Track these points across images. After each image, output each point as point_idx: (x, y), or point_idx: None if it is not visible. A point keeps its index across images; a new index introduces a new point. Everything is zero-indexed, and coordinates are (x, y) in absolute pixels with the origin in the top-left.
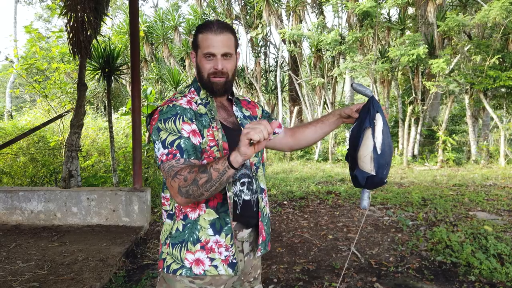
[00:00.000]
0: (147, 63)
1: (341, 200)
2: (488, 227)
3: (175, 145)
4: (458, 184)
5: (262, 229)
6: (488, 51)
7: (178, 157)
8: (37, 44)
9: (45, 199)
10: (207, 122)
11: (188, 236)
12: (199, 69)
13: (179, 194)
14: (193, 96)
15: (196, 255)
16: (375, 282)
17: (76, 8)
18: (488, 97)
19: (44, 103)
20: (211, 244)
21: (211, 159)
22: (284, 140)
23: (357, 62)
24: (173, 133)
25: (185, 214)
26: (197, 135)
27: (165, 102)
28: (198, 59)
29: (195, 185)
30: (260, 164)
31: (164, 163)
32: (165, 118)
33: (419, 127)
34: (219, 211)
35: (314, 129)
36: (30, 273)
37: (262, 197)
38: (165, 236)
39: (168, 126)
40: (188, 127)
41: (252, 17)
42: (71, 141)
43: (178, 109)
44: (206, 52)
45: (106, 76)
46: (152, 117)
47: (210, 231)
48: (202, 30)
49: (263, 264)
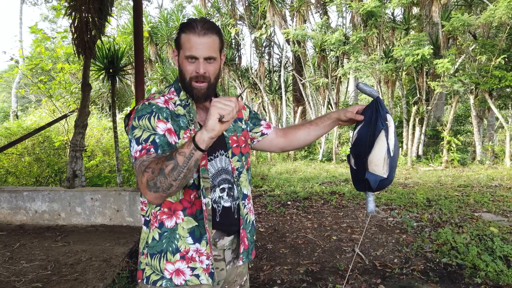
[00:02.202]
0: (151, 63)
1: (345, 201)
2: (494, 228)
3: (149, 141)
4: (463, 184)
5: (245, 237)
6: (493, 51)
7: (152, 152)
8: (42, 44)
9: (49, 199)
10: (184, 124)
11: (167, 246)
12: (181, 71)
13: (148, 189)
14: (171, 97)
15: (176, 265)
16: (379, 284)
17: (81, 8)
18: (493, 97)
19: (49, 103)
20: (191, 253)
21: None
22: (275, 141)
23: (361, 62)
24: (147, 130)
25: (161, 222)
26: (173, 134)
27: (142, 101)
28: (180, 60)
29: (162, 175)
30: (243, 169)
31: (137, 159)
32: (139, 116)
33: (424, 127)
34: (198, 218)
35: (307, 131)
36: (33, 273)
37: (245, 203)
38: (143, 245)
39: (142, 123)
40: (163, 125)
41: (256, 17)
42: (76, 141)
43: (154, 107)
44: (188, 54)
45: (111, 76)
46: (130, 117)
47: (189, 240)
48: (185, 30)
49: (267, 265)
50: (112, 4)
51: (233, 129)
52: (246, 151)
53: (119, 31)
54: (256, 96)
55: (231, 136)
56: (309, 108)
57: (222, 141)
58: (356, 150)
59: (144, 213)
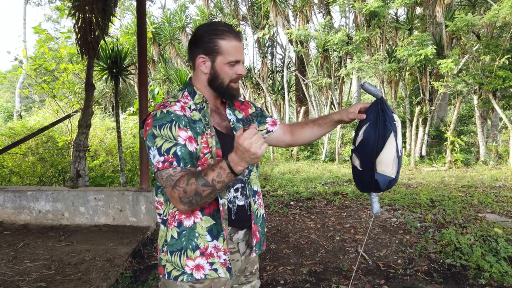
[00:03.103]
0: (154, 63)
1: (348, 201)
2: (498, 229)
3: (171, 153)
4: (466, 185)
5: (256, 231)
6: (497, 51)
7: (174, 165)
8: (46, 45)
9: (53, 199)
10: (201, 129)
11: (187, 244)
12: (217, 75)
13: (181, 203)
14: (186, 101)
15: (196, 261)
16: (383, 284)
17: (84, 9)
18: (497, 97)
19: (52, 103)
20: (210, 249)
21: (205, 166)
22: (282, 137)
23: (364, 62)
24: (169, 140)
25: (180, 221)
26: (193, 141)
27: (159, 107)
28: (216, 65)
29: (198, 196)
30: (253, 167)
31: (160, 171)
32: (160, 124)
33: (427, 127)
34: (215, 217)
35: (311, 130)
36: (37, 273)
37: (255, 200)
38: (162, 242)
39: (164, 133)
40: (184, 134)
41: (259, 17)
42: (79, 141)
43: (172, 116)
44: (233, 59)
45: (114, 76)
46: (145, 122)
47: (208, 237)
48: (224, 36)
49: (270, 265)
50: (116, 4)
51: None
52: None
53: (122, 31)
54: (259, 96)
55: None
56: (312, 108)
57: (233, 143)
58: (363, 151)
59: (160, 212)
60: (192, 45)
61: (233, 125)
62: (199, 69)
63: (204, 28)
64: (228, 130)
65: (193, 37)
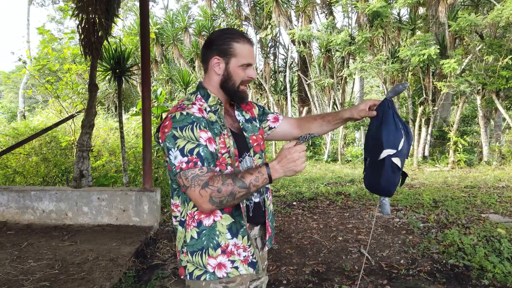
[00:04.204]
0: (157, 64)
1: (350, 201)
2: (501, 229)
3: (194, 153)
4: (470, 185)
5: (268, 226)
6: (500, 51)
7: (199, 165)
8: (49, 45)
9: (56, 199)
10: (218, 130)
11: (208, 243)
12: (230, 77)
13: (211, 203)
14: (201, 104)
15: (218, 259)
16: (385, 285)
17: (87, 9)
18: (500, 97)
19: (56, 104)
20: (230, 247)
21: (223, 166)
22: (289, 132)
23: (367, 62)
24: (192, 141)
25: (199, 221)
26: (213, 142)
27: (176, 109)
28: (229, 67)
29: (231, 197)
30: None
31: (185, 171)
32: (181, 126)
33: (430, 128)
34: (234, 215)
35: (319, 125)
36: (41, 272)
37: (268, 196)
38: (181, 244)
39: (186, 134)
40: (205, 135)
41: (261, 18)
42: (82, 141)
43: (193, 117)
44: (247, 62)
45: (117, 76)
46: (163, 124)
47: (228, 235)
48: (239, 40)
49: (272, 265)
50: (119, 5)
51: (252, 129)
52: (264, 148)
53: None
54: (261, 96)
55: (251, 136)
56: (314, 109)
57: (245, 143)
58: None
59: (177, 214)
60: (207, 48)
61: (242, 126)
62: (213, 71)
63: (219, 33)
64: (239, 130)
65: (208, 40)
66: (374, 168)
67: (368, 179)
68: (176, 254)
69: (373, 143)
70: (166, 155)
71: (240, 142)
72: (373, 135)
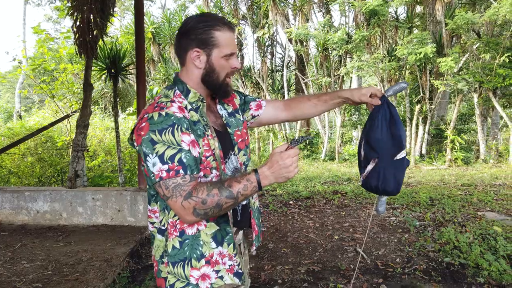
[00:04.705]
0: (154, 63)
1: (347, 200)
2: (497, 227)
3: (176, 160)
4: (466, 183)
5: (255, 225)
6: (497, 49)
7: (181, 173)
8: (45, 45)
9: (51, 199)
10: (201, 131)
11: (191, 253)
12: (213, 70)
13: (195, 215)
14: (181, 100)
15: (202, 270)
16: (381, 283)
17: (83, 9)
18: (497, 95)
19: (52, 104)
20: (215, 257)
21: (208, 170)
22: (276, 116)
23: (364, 61)
24: (172, 145)
25: (182, 230)
26: (196, 145)
27: (153, 109)
28: (211, 59)
29: (217, 208)
30: (249, 161)
31: (165, 180)
32: (160, 129)
33: (427, 126)
34: (220, 222)
35: (313, 105)
36: (34, 274)
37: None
38: (160, 253)
39: (166, 138)
40: (187, 138)
41: (258, 16)
42: (77, 141)
43: (173, 118)
44: (230, 52)
45: (113, 76)
46: (138, 125)
47: (213, 244)
48: (219, 27)
49: (268, 264)
50: (114, 4)
51: (236, 124)
52: (248, 142)
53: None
54: (259, 95)
55: (235, 131)
56: None
57: (230, 141)
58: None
59: (154, 221)
60: (183, 38)
61: (225, 121)
62: (192, 64)
63: (196, 19)
64: (223, 127)
65: (183, 29)
66: (387, 168)
67: (378, 180)
68: (153, 263)
69: (389, 143)
70: (142, 160)
71: (224, 141)
72: (386, 134)
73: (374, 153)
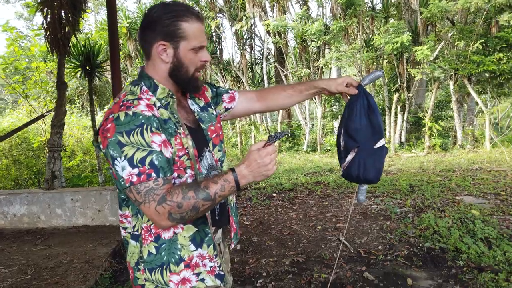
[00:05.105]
0: (131, 59)
1: (329, 190)
2: (475, 211)
3: (147, 163)
4: (444, 169)
5: (233, 222)
6: (471, 37)
7: (153, 177)
8: (15, 43)
9: (27, 202)
10: (173, 129)
11: (168, 258)
12: (181, 64)
13: (170, 220)
14: (148, 97)
15: (182, 274)
16: (364, 271)
17: (53, 4)
18: (472, 82)
19: (25, 104)
20: (195, 259)
21: (182, 170)
22: (250, 107)
23: (342, 52)
24: (142, 147)
25: (157, 235)
26: (168, 145)
27: (119, 108)
28: (179, 53)
29: (194, 211)
30: (224, 157)
31: (136, 185)
32: (127, 130)
33: (406, 114)
34: (197, 224)
35: (288, 96)
36: (12, 279)
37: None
38: (135, 260)
39: (135, 140)
40: (158, 138)
41: (236, 9)
42: (53, 141)
43: (141, 118)
44: (198, 44)
45: (88, 73)
46: (103, 127)
47: (191, 247)
48: (187, 18)
49: (252, 258)
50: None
51: (209, 118)
52: (223, 137)
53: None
54: (239, 89)
55: (208, 127)
56: None
57: (203, 137)
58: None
59: (126, 226)
60: (146, 30)
61: (198, 116)
62: (158, 58)
63: (161, 9)
64: (195, 123)
65: (147, 20)
66: (367, 157)
67: (358, 169)
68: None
69: (368, 131)
70: (110, 164)
71: (198, 138)
72: (365, 123)
73: (354, 142)
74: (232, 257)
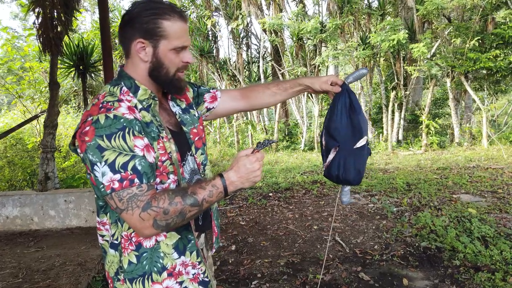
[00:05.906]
0: None
1: (326, 189)
2: (472, 209)
3: (129, 168)
4: (442, 167)
5: (214, 226)
6: (467, 34)
7: (137, 183)
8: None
9: (20, 204)
10: (155, 133)
11: (150, 267)
12: (161, 65)
13: (155, 227)
14: (129, 99)
15: (165, 283)
16: (360, 271)
17: (44, 3)
18: (469, 79)
19: (19, 104)
20: (178, 268)
21: (164, 175)
22: (233, 106)
23: (339, 49)
24: (124, 152)
25: (138, 244)
26: (151, 150)
27: (98, 111)
28: (158, 52)
29: (180, 218)
30: (206, 160)
31: (117, 192)
32: (108, 134)
33: (403, 112)
34: (180, 231)
35: (273, 94)
36: (3, 282)
37: None
38: (114, 270)
39: (116, 144)
40: (140, 142)
41: (232, 8)
42: (46, 142)
43: (122, 121)
44: (180, 44)
45: (81, 73)
46: (81, 130)
47: (174, 255)
48: (168, 16)
49: (247, 258)
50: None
51: (191, 121)
52: (205, 140)
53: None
54: (236, 88)
55: (191, 130)
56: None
57: (186, 140)
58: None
59: (104, 233)
60: (126, 27)
61: (180, 119)
62: (137, 57)
63: (142, 6)
64: (177, 126)
65: (127, 17)
66: (348, 157)
67: (338, 169)
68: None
69: (349, 131)
70: (88, 170)
71: (180, 142)
72: (346, 122)
73: (335, 142)
74: (226, 258)
